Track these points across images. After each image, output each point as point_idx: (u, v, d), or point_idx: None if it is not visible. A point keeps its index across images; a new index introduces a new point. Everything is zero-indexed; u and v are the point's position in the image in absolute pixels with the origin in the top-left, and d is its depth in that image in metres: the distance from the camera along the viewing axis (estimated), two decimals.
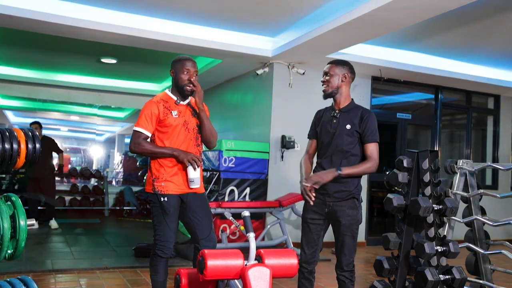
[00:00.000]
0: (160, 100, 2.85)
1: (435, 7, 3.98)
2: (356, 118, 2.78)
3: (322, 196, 2.78)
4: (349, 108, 2.83)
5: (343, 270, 2.78)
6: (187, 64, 2.84)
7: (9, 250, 1.85)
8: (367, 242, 6.56)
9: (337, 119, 2.81)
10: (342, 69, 2.86)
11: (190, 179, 2.79)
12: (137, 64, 7.51)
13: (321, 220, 2.81)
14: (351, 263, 2.79)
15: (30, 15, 4.61)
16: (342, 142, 2.76)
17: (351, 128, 2.76)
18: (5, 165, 1.88)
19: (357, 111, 2.82)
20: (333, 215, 2.77)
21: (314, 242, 2.83)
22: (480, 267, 3.54)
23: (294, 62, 6.05)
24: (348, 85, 2.88)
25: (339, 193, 2.75)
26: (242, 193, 5.77)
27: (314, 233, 2.82)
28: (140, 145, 2.79)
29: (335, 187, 2.74)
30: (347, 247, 2.76)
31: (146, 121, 2.80)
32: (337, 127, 2.79)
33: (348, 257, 2.77)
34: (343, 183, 2.74)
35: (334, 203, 2.75)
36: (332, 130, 2.81)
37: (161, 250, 2.79)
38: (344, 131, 2.77)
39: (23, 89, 8.69)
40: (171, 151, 2.78)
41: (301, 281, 2.88)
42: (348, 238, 2.75)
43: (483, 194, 3.50)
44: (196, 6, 4.72)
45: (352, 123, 2.77)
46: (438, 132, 7.24)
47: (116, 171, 13.36)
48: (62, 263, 4.63)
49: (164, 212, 2.78)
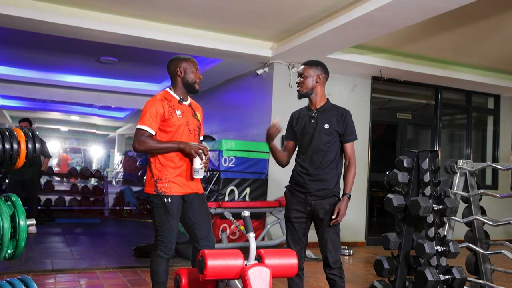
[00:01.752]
0: (163, 99, 2.82)
1: (435, 7, 3.98)
2: (334, 118, 2.84)
3: (303, 195, 2.85)
4: (326, 108, 2.90)
5: (331, 268, 2.80)
6: (195, 63, 2.89)
7: (9, 250, 1.85)
8: (367, 242, 6.56)
9: (315, 119, 2.88)
10: (316, 70, 2.92)
11: (195, 169, 2.78)
12: (137, 64, 7.51)
13: (304, 218, 2.87)
14: (338, 260, 2.81)
15: (30, 15, 4.61)
16: (320, 141, 2.83)
17: (329, 128, 2.83)
18: (5, 165, 1.88)
19: (335, 110, 2.88)
20: (315, 213, 2.82)
21: (300, 240, 2.89)
22: (480, 267, 3.54)
23: (294, 62, 6.05)
24: (322, 85, 2.94)
25: (319, 191, 2.81)
26: (242, 193, 5.76)
27: (299, 231, 2.89)
28: (144, 143, 2.74)
29: (316, 186, 2.81)
30: (332, 244, 2.79)
31: (151, 119, 2.75)
32: (316, 127, 2.86)
33: (334, 254, 2.79)
34: (323, 181, 2.81)
35: (315, 201, 2.81)
36: (311, 130, 2.87)
37: (163, 251, 2.78)
38: (323, 130, 2.83)
39: (23, 89, 8.69)
40: (176, 144, 2.76)
41: (291, 278, 2.90)
42: (332, 234, 2.79)
43: (483, 194, 3.50)
44: (196, 6, 4.72)
45: (330, 122, 2.84)
46: (438, 132, 7.24)
47: (116, 171, 13.37)
48: (62, 263, 4.63)
49: (168, 213, 2.76)
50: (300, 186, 2.86)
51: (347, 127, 2.82)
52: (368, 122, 6.57)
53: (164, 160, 2.79)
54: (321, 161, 2.82)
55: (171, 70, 2.89)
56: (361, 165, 6.01)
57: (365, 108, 6.58)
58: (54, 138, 13.70)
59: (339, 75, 6.23)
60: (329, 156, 2.82)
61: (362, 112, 6.50)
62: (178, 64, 2.86)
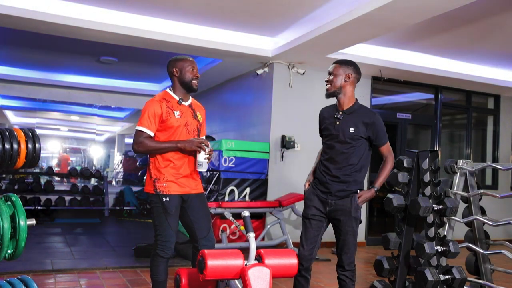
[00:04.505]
0: (162, 99, 2.83)
1: (435, 7, 3.98)
2: (360, 122, 2.76)
3: (324, 195, 2.80)
4: (353, 110, 2.81)
5: (344, 270, 2.78)
6: (191, 62, 2.89)
7: (9, 250, 1.85)
8: (367, 242, 6.56)
9: (340, 121, 2.80)
10: (346, 69, 2.84)
11: (199, 162, 2.78)
12: (137, 64, 7.51)
13: (322, 218, 2.83)
14: (352, 262, 2.79)
15: (30, 15, 4.61)
16: (344, 145, 2.76)
17: (354, 132, 2.75)
18: (5, 165, 1.88)
19: (362, 114, 2.79)
20: (334, 214, 2.78)
21: (313, 239, 2.84)
22: (480, 267, 3.54)
23: (294, 62, 6.05)
24: (352, 85, 2.84)
25: (340, 192, 2.77)
26: (242, 193, 5.76)
27: (315, 229, 2.83)
28: (142, 144, 2.76)
29: (338, 187, 2.77)
30: (348, 246, 2.77)
31: (149, 120, 2.77)
32: (340, 130, 2.78)
33: (350, 256, 2.77)
34: (345, 182, 2.76)
35: (335, 201, 2.77)
36: (335, 132, 2.80)
37: (162, 250, 2.78)
38: (347, 134, 2.76)
39: (23, 89, 8.69)
40: (174, 143, 2.77)
41: (297, 279, 2.87)
42: (350, 236, 2.76)
43: (483, 194, 3.50)
44: (196, 6, 4.72)
45: (356, 126, 2.75)
46: (438, 132, 7.24)
47: (116, 171, 13.36)
48: (62, 263, 4.63)
49: (166, 212, 2.77)
50: (322, 185, 2.82)
51: (378, 132, 2.78)
52: None
53: (163, 160, 2.80)
54: (344, 164, 2.76)
55: (168, 70, 2.92)
56: None
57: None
58: (54, 138, 13.69)
59: None
60: (352, 159, 2.76)
61: None
62: (174, 64, 2.89)
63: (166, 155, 2.80)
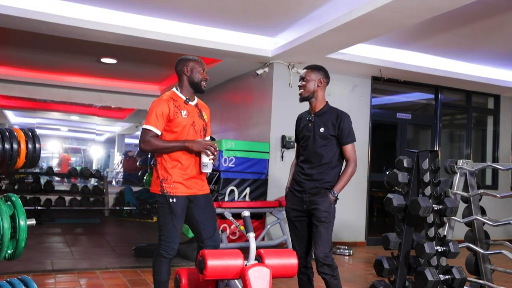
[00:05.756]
0: (169, 99, 2.83)
1: (435, 7, 3.98)
2: (329, 121, 2.91)
3: (299, 194, 2.95)
4: (323, 112, 2.96)
5: (321, 264, 2.79)
6: (202, 64, 2.93)
7: (9, 250, 1.85)
8: (367, 242, 6.56)
9: (312, 123, 2.96)
10: (318, 74, 2.98)
11: (204, 163, 2.79)
12: (137, 64, 7.51)
13: (304, 217, 2.96)
14: (328, 256, 2.80)
15: (30, 15, 4.61)
16: (317, 144, 2.90)
17: (324, 131, 2.90)
18: (5, 165, 1.88)
19: (331, 114, 2.94)
20: (309, 210, 2.90)
21: (303, 238, 2.98)
22: (480, 267, 3.54)
23: (294, 62, 6.05)
24: (323, 89, 3.00)
25: (313, 189, 2.89)
26: (242, 193, 5.77)
27: (301, 229, 2.98)
28: (149, 143, 2.75)
29: (311, 184, 2.90)
30: (321, 237, 2.80)
31: (157, 119, 2.76)
32: (312, 131, 2.93)
33: (323, 248, 2.79)
34: (318, 180, 2.89)
35: (309, 198, 2.89)
36: (308, 134, 2.96)
37: (165, 250, 2.78)
38: (318, 134, 2.91)
39: (23, 89, 8.69)
40: (182, 143, 2.77)
41: (299, 276, 2.99)
42: (321, 228, 2.82)
43: (483, 194, 3.50)
44: (196, 6, 4.72)
45: (326, 126, 2.90)
46: (438, 132, 7.24)
47: (116, 171, 13.35)
48: (62, 263, 4.63)
49: (172, 213, 2.76)
50: (298, 184, 2.97)
51: (343, 130, 2.88)
52: (368, 122, 6.57)
53: (170, 160, 2.80)
54: (317, 163, 2.91)
55: (178, 68, 2.91)
56: (361, 165, 6.01)
57: (365, 108, 6.58)
58: (54, 138, 13.68)
59: (339, 75, 6.23)
60: (325, 158, 2.90)
61: (362, 112, 6.50)
62: (186, 63, 2.89)
63: (174, 155, 2.79)
